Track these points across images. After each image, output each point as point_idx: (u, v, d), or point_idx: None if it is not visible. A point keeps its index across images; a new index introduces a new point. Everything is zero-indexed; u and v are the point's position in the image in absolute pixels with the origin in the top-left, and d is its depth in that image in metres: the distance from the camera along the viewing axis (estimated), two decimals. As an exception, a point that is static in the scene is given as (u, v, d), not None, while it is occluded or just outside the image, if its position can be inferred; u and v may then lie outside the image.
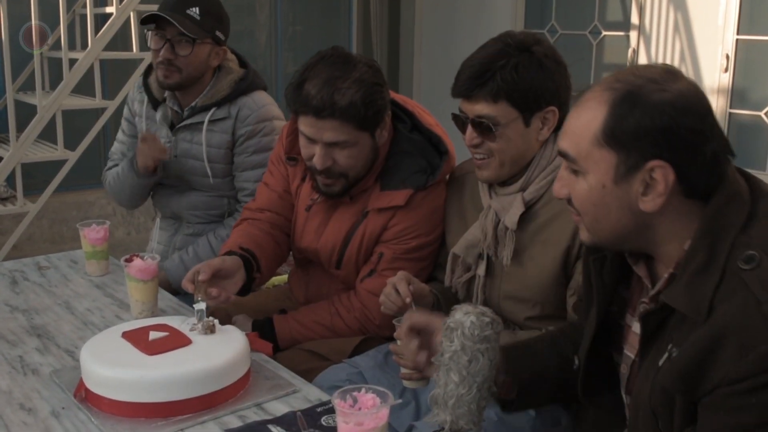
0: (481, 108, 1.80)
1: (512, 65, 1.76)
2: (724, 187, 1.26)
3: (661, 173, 1.23)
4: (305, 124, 1.95)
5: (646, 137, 1.22)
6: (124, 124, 2.81)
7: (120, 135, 2.83)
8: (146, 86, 2.67)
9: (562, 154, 1.33)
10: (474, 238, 1.92)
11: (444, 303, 1.94)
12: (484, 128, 1.81)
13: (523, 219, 1.86)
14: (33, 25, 4.47)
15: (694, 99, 1.24)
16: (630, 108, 1.23)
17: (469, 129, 1.84)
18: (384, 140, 2.04)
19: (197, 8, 2.47)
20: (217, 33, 2.54)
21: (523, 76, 1.77)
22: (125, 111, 2.80)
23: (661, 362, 1.27)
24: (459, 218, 2.03)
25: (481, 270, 1.92)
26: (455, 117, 1.88)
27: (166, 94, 2.61)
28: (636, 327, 1.38)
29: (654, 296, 1.32)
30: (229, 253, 2.06)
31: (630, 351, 1.42)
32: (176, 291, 2.59)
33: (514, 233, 1.86)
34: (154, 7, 2.78)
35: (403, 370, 1.65)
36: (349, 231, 2.09)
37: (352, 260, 2.11)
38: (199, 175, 2.61)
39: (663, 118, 1.21)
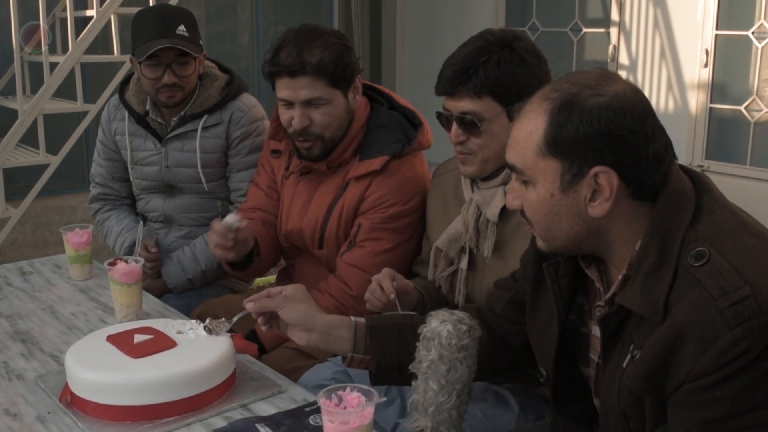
0: (464, 104, 1.81)
1: (494, 61, 1.78)
2: (669, 185, 1.27)
3: (606, 178, 1.24)
4: (281, 87, 2.07)
5: (587, 143, 1.24)
6: (99, 147, 2.76)
7: (97, 157, 2.79)
8: (125, 102, 2.65)
9: (510, 167, 1.34)
10: (456, 231, 1.94)
11: (428, 299, 1.95)
12: (469, 124, 1.82)
13: (505, 213, 1.87)
14: (41, 27, 4.44)
15: (632, 101, 1.26)
16: (568, 115, 1.24)
17: (454, 126, 1.85)
18: (358, 106, 2.13)
19: (183, 25, 2.47)
20: (200, 41, 2.56)
21: (506, 71, 1.79)
22: (100, 134, 2.76)
23: (624, 364, 1.28)
24: (442, 214, 2.04)
25: (464, 264, 1.94)
26: (439, 115, 1.89)
27: (149, 106, 2.60)
28: (596, 332, 1.39)
29: (610, 299, 1.33)
30: None
31: (594, 355, 1.43)
32: (169, 291, 2.61)
33: (495, 226, 1.87)
34: (134, 10, 2.78)
35: None
36: (330, 205, 2.16)
37: (333, 236, 2.16)
38: (193, 182, 2.62)
39: (601, 122, 1.23)
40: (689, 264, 1.20)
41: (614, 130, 1.23)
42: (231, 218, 2.05)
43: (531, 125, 1.29)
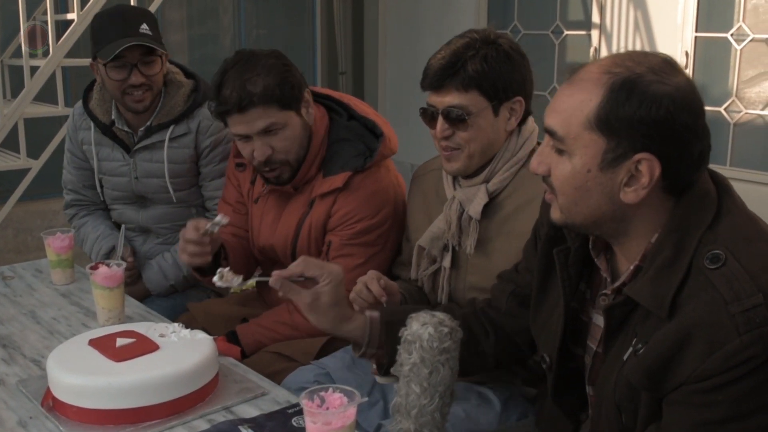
0: (451, 98, 1.81)
1: (481, 56, 1.80)
2: (697, 185, 1.27)
3: (648, 166, 1.23)
4: (234, 123, 2.04)
5: (640, 128, 1.21)
6: (68, 156, 2.70)
7: (67, 165, 2.73)
8: (89, 112, 2.58)
9: (549, 131, 1.30)
10: (438, 230, 1.94)
11: (410, 301, 1.95)
12: (456, 118, 1.82)
13: (488, 210, 1.87)
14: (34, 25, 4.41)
15: (691, 96, 1.24)
16: (627, 95, 1.21)
17: (440, 120, 1.84)
18: (314, 119, 2.10)
19: (145, 24, 2.41)
20: (162, 41, 2.50)
21: (493, 66, 1.80)
22: (67, 143, 2.70)
23: (625, 357, 1.28)
24: (424, 215, 2.05)
25: (447, 262, 1.94)
26: (424, 111, 1.89)
27: (114, 115, 2.55)
28: (598, 319, 1.40)
29: (618, 288, 1.33)
30: None
31: (593, 343, 1.44)
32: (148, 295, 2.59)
33: (477, 223, 1.87)
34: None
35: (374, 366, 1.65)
36: (299, 222, 2.14)
37: (305, 252, 2.14)
38: (162, 192, 2.58)
39: (660, 111, 1.20)
40: (704, 265, 1.20)
41: (670, 122, 1.21)
42: (220, 218, 1.97)
43: (583, 95, 1.25)
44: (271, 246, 2.22)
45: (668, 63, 1.26)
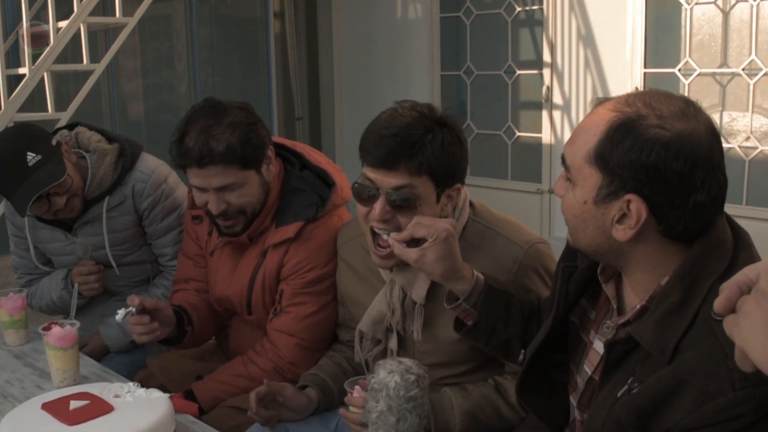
0: (399, 180, 1.67)
1: (439, 141, 1.68)
2: (710, 234, 1.26)
3: (636, 207, 1.24)
4: (192, 176, 2.02)
5: (630, 170, 1.23)
6: (14, 240, 2.62)
7: (15, 249, 2.65)
8: None
9: (562, 158, 1.34)
10: (379, 313, 1.86)
11: (334, 387, 1.91)
12: (403, 201, 1.68)
13: (431, 291, 1.79)
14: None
15: (693, 145, 1.22)
16: (622, 137, 1.23)
17: (381, 202, 1.69)
18: (273, 175, 2.09)
19: (29, 151, 2.25)
20: (54, 143, 2.36)
21: (448, 152, 1.69)
22: (9, 226, 2.61)
23: (619, 393, 1.28)
24: (356, 286, 1.98)
25: (393, 344, 1.86)
26: (361, 187, 1.72)
27: None
28: (599, 346, 1.41)
29: (623, 325, 1.34)
30: None
31: (589, 367, 1.44)
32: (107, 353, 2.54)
33: (422, 307, 1.80)
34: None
35: None
36: (253, 273, 2.14)
37: (260, 302, 2.14)
38: (109, 263, 2.52)
39: (650, 157, 1.21)
40: (710, 316, 1.16)
41: (661, 169, 1.21)
42: (120, 315, 1.94)
43: (592, 129, 1.28)
44: (227, 297, 2.21)
45: (684, 109, 1.25)
